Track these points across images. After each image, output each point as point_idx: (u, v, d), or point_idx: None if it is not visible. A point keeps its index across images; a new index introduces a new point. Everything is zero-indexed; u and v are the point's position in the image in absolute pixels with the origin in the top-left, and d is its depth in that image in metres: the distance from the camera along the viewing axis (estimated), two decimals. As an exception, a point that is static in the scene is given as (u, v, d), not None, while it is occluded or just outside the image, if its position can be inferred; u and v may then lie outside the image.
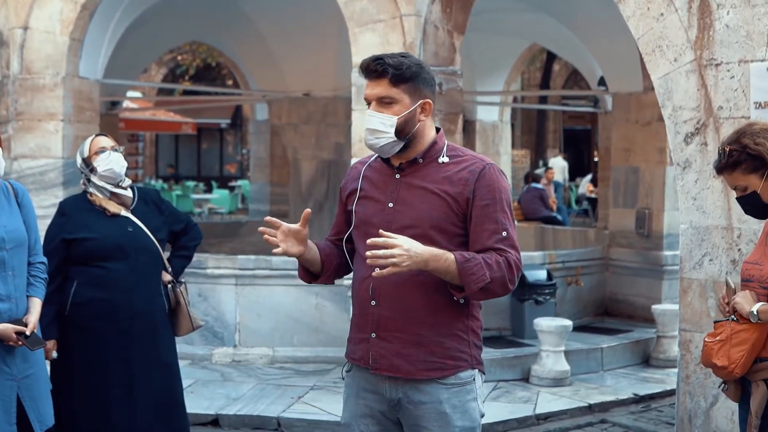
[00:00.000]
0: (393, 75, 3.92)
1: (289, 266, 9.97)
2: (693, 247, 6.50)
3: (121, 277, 5.76)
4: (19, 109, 9.82)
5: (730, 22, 6.24)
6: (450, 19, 9.43)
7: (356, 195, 4.09)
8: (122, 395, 5.77)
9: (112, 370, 5.76)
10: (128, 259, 5.78)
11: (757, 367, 4.42)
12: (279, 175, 18.45)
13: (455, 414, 3.95)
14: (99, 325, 5.74)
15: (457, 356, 3.97)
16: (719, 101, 6.31)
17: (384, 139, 3.92)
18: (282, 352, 10.01)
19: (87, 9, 9.80)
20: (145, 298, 5.86)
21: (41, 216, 5.90)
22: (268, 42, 14.13)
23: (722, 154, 4.51)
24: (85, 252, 5.76)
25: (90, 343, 5.76)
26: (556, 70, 35.55)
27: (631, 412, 8.80)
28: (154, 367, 5.91)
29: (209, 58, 31.99)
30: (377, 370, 3.98)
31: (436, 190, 3.92)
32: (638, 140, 11.93)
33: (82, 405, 5.76)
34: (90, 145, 5.90)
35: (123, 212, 5.86)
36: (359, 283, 4.05)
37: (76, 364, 5.77)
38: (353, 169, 4.23)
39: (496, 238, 3.89)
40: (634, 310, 11.84)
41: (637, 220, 11.97)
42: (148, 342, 5.87)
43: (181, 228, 6.21)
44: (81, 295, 5.75)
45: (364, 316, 4.03)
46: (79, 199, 5.97)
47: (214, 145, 43.71)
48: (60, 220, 5.88)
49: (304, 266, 4.20)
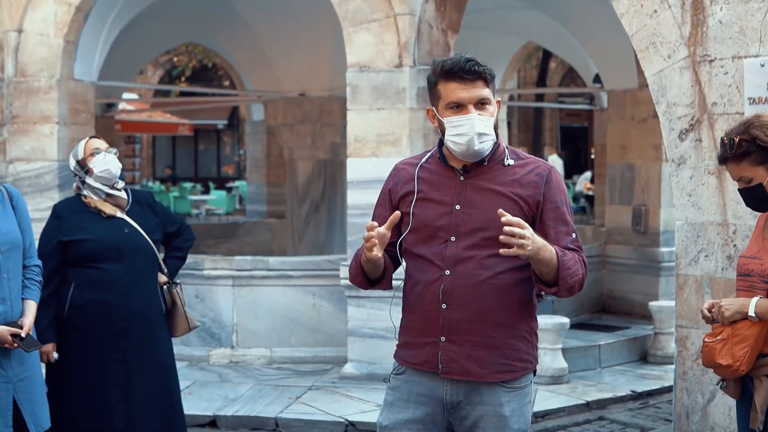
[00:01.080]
0: (488, 76, 3.91)
1: (286, 267, 9.99)
2: (689, 244, 6.51)
3: (118, 279, 5.77)
4: (14, 112, 9.82)
5: (724, 18, 6.25)
6: (444, 17, 9.43)
7: (413, 197, 4.00)
8: (120, 396, 5.78)
9: (109, 371, 5.77)
10: (124, 260, 5.80)
11: (760, 362, 4.41)
12: (276, 176, 18.46)
13: (513, 417, 3.96)
14: (96, 327, 5.75)
15: (524, 358, 3.99)
16: (713, 97, 6.32)
17: (489, 141, 3.92)
18: (279, 353, 10.01)
19: (81, 11, 9.79)
20: (142, 299, 5.87)
21: (37, 219, 5.91)
22: (263, 42, 14.12)
23: (729, 144, 4.46)
24: (82, 253, 5.76)
25: (88, 344, 5.77)
26: (552, 68, 35.50)
27: (628, 409, 8.80)
28: (151, 367, 5.92)
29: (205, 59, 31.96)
30: (448, 374, 3.93)
31: (508, 193, 3.91)
32: (634, 137, 11.95)
33: (81, 406, 5.76)
34: (84, 147, 5.91)
35: (118, 214, 5.88)
36: (425, 287, 3.94)
37: (74, 365, 5.77)
38: (402, 170, 4.11)
39: (569, 240, 3.95)
40: (631, 307, 11.85)
41: (633, 216, 11.99)
42: (145, 343, 5.88)
43: (174, 229, 6.22)
44: (78, 297, 5.76)
45: (432, 320, 3.94)
46: (74, 202, 5.97)
47: (211, 146, 43.68)
48: (55, 223, 5.87)
49: (365, 271, 4.06)
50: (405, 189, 4.03)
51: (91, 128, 10.28)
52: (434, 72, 3.98)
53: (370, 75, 9.16)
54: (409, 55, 9.13)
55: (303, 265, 10.04)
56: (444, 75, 3.92)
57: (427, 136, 9.14)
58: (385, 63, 9.15)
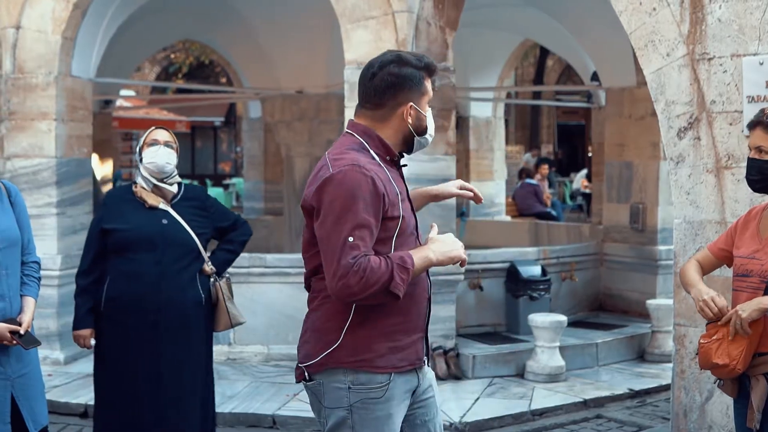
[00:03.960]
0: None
1: (284, 264, 9.99)
2: (687, 242, 6.51)
3: (148, 270, 5.74)
4: (11, 109, 9.81)
5: (723, 16, 6.24)
6: (442, 15, 9.42)
7: (398, 199, 3.89)
8: (149, 389, 5.76)
9: (140, 363, 5.75)
10: (156, 251, 5.76)
11: (756, 361, 4.41)
12: (273, 173, 18.44)
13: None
14: (128, 318, 5.75)
15: None
16: (712, 95, 6.32)
17: None
18: (277, 350, 10.00)
19: (79, 8, 9.79)
20: (174, 291, 5.80)
21: (35, 215, 5.91)
22: (260, 39, 14.12)
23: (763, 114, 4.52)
24: (116, 243, 5.77)
25: (120, 336, 5.78)
26: (549, 66, 35.53)
27: (626, 407, 8.80)
28: (184, 361, 5.88)
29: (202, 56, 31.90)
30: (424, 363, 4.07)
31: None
32: (631, 135, 11.94)
33: (111, 398, 5.81)
34: (147, 136, 5.94)
35: (161, 205, 5.84)
36: (416, 286, 3.94)
37: (107, 357, 5.82)
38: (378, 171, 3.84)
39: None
40: (628, 305, 11.85)
41: (631, 215, 11.98)
42: (179, 335, 5.83)
43: (228, 224, 6.17)
44: (113, 290, 5.78)
45: (423, 316, 4.02)
46: (124, 190, 6.03)
47: (208, 144, 43.61)
48: (101, 211, 5.96)
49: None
50: (394, 190, 3.89)
51: (89, 125, 10.28)
52: (419, 68, 3.98)
53: (368, 72, 9.16)
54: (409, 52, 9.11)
55: (300, 262, 9.92)
56: (428, 72, 3.98)
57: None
58: (383, 60, 9.12)
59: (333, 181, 3.74)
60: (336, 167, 3.77)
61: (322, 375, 3.93)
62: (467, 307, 10.48)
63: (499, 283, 10.68)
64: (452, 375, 9.39)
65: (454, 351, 9.51)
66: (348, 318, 3.86)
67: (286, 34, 13.54)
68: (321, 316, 3.97)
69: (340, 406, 3.90)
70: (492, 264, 10.72)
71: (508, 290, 10.62)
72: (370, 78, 3.96)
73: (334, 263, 3.70)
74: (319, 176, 3.82)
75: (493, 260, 10.78)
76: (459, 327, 10.02)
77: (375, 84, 3.95)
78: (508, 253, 11.09)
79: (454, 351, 9.51)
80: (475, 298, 10.59)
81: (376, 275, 3.68)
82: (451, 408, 8.42)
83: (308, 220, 3.90)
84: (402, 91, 3.95)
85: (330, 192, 3.74)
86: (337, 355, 3.88)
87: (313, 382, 3.97)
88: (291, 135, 14.54)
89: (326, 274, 3.78)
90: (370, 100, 3.98)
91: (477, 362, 9.52)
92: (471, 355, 9.53)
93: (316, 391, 3.98)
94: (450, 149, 9.67)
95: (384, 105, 3.96)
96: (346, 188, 3.72)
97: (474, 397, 8.84)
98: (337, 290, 3.72)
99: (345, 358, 3.87)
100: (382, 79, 3.94)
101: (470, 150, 17.71)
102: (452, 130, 9.77)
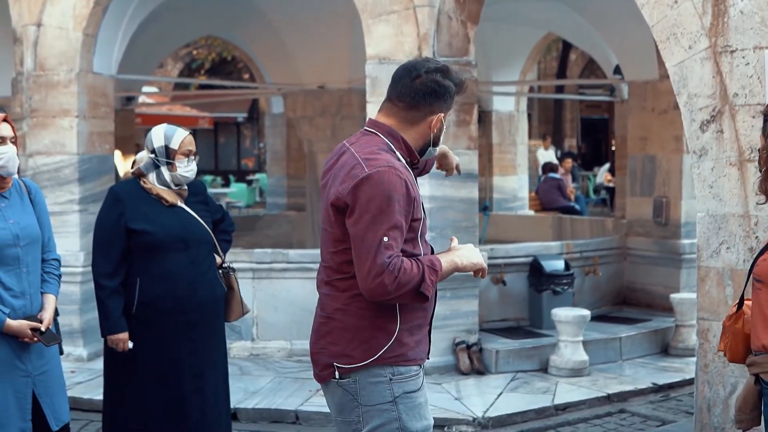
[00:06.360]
0: None
1: (306, 260, 9.98)
2: (710, 236, 6.47)
3: (184, 270, 5.68)
4: (33, 106, 9.84)
5: (745, 9, 6.20)
6: (464, 9, 9.39)
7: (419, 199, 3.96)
8: (194, 387, 5.73)
9: (183, 363, 5.70)
10: (189, 250, 5.71)
11: (750, 360, 4.42)
12: (296, 168, 18.46)
13: None
14: (166, 321, 5.66)
15: None
16: (734, 88, 6.27)
17: None
18: (300, 345, 9.96)
19: (100, 5, 9.81)
20: (208, 289, 5.80)
21: (56, 213, 5.90)
22: (282, 35, 14.11)
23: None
24: (146, 244, 5.62)
25: (159, 339, 5.67)
26: (572, 59, 35.47)
27: (650, 402, 8.77)
28: (217, 356, 5.91)
29: (224, 52, 32.04)
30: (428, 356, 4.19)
31: None
32: (654, 128, 11.88)
33: (157, 401, 5.68)
34: (182, 141, 5.76)
35: (179, 203, 5.79)
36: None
37: (147, 360, 5.68)
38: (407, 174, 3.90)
39: None
40: (652, 299, 11.80)
41: (654, 208, 11.92)
42: (211, 330, 5.85)
43: (220, 216, 6.16)
44: (145, 294, 5.64)
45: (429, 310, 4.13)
46: (132, 186, 5.78)
47: (231, 139, 43.76)
48: (118, 207, 5.66)
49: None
50: (417, 193, 3.95)
51: (110, 122, 10.31)
52: (456, 83, 4.01)
53: (389, 67, 9.12)
54: (429, 47, 9.11)
55: (323, 258, 9.98)
56: (459, 90, 4.03)
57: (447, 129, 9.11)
58: (404, 55, 9.10)
59: (371, 180, 3.79)
60: (372, 167, 3.82)
61: (357, 373, 3.97)
62: (490, 301, 10.46)
63: (522, 277, 10.66)
64: (475, 370, 9.37)
65: (477, 346, 9.50)
66: (386, 316, 3.93)
67: (307, 30, 13.54)
68: (352, 315, 3.96)
69: (383, 401, 3.96)
70: (515, 258, 10.70)
71: (531, 285, 10.59)
72: (413, 78, 3.97)
73: (369, 261, 3.76)
74: (353, 174, 3.85)
75: (516, 255, 10.76)
76: (482, 322, 10.00)
77: (416, 86, 3.96)
78: (531, 247, 11.06)
79: (477, 346, 9.50)
80: (498, 292, 10.57)
81: (409, 276, 3.78)
82: (475, 403, 8.41)
83: (337, 216, 3.92)
84: (438, 101, 3.99)
85: (367, 191, 3.79)
86: (378, 351, 3.94)
87: (347, 380, 3.99)
88: (313, 130, 14.54)
89: (358, 272, 3.82)
90: (404, 99, 3.99)
91: (500, 357, 9.51)
92: (494, 350, 9.52)
93: (350, 389, 3.99)
94: (472, 143, 9.64)
95: (419, 109, 3.99)
96: (384, 189, 3.78)
97: (497, 392, 8.82)
98: (372, 288, 3.78)
99: (386, 354, 3.94)
100: (425, 84, 3.95)
101: (493, 144, 17.68)
102: (474, 125, 9.74)
